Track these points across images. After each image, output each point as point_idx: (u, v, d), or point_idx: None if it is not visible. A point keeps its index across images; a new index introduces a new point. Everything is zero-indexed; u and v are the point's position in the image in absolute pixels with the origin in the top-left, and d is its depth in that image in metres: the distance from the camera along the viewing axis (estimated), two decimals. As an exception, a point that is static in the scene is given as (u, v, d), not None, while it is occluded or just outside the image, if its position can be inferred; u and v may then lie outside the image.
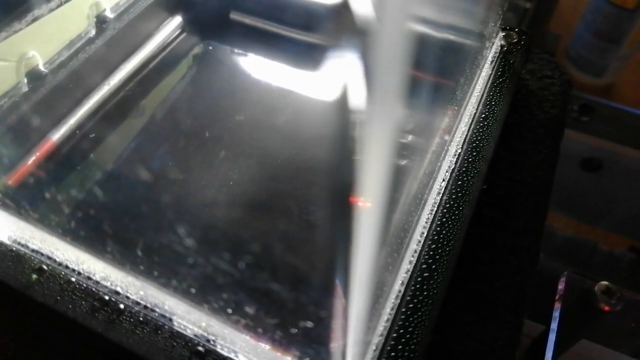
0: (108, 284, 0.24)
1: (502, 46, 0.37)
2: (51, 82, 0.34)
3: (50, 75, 0.34)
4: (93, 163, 0.34)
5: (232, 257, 0.28)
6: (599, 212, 0.61)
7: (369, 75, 0.13)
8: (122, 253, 0.26)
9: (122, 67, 0.38)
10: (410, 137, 0.27)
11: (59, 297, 0.24)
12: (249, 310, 0.24)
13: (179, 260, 0.27)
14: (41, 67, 0.34)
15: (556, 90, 0.40)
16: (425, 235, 0.26)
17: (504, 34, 0.37)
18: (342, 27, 0.15)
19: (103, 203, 0.31)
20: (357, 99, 0.14)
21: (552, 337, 0.31)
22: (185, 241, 0.28)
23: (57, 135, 0.34)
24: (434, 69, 0.28)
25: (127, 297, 0.24)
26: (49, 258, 0.25)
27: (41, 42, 0.33)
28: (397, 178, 0.21)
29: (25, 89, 0.33)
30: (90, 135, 0.35)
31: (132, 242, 0.28)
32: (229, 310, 0.23)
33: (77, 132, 0.35)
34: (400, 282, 0.24)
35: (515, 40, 0.37)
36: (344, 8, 0.15)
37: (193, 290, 0.25)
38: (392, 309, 0.23)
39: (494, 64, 0.35)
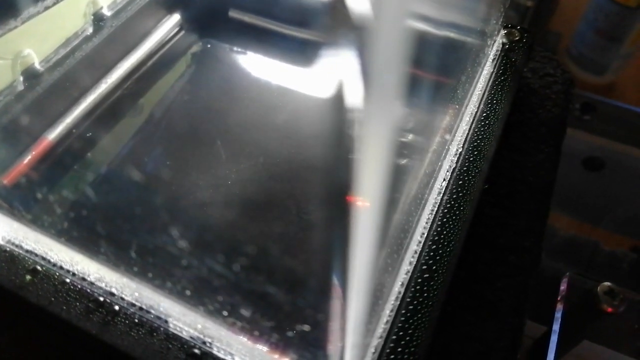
0: (103, 285, 0.24)
1: (503, 44, 0.36)
2: (47, 80, 0.33)
3: (46, 73, 0.33)
4: (89, 163, 0.34)
5: (229, 258, 0.27)
6: (601, 212, 0.60)
7: (365, 73, 0.13)
8: (117, 254, 0.26)
9: (119, 65, 0.37)
10: (410, 136, 0.27)
11: (53, 299, 0.24)
12: (246, 312, 0.23)
13: (175, 261, 0.27)
14: (37, 66, 0.33)
15: (558, 88, 0.40)
16: (425, 235, 0.26)
17: (505, 31, 0.37)
18: (339, 23, 0.14)
19: (99, 203, 0.31)
20: (354, 97, 0.14)
21: (554, 339, 0.30)
22: (181, 242, 0.28)
23: (53, 134, 0.33)
24: (434, 66, 0.28)
25: (122, 299, 0.24)
26: (43, 259, 0.25)
27: (37, 40, 0.33)
28: (397, 178, 0.20)
29: (20, 87, 0.32)
30: (87, 135, 0.35)
31: (128, 243, 0.27)
32: (226, 313, 0.23)
33: (74, 131, 0.34)
34: (400, 283, 0.24)
35: (517, 38, 0.37)
36: (341, 4, 0.14)
37: (189, 292, 0.24)
38: (391, 310, 0.23)
39: (495, 62, 0.35)
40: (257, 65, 0.41)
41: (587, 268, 0.57)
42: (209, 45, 0.42)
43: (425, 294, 0.24)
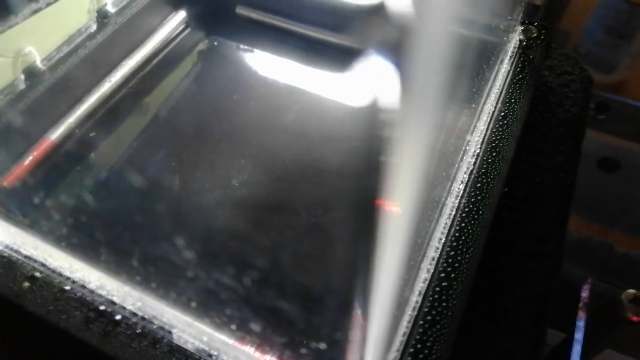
0: (104, 294, 0.23)
1: (521, 41, 0.35)
2: (49, 79, 0.32)
3: (49, 72, 0.33)
4: (92, 165, 0.33)
5: (237, 267, 0.26)
6: (616, 213, 0.60)
7: (407, 75, 0.12)
8: (119, 261, 0.24)
9: (123, 63, 0.36)
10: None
11: (51, 307, 0.23)
12: (255, 325, 0.22)
13: (180, 269, 0.25)
14: (39, 64, 0.32)
15: (577, 87, 0.38)
16: (443, 241, 0.24)
17: (522, 28, 0.36)
18: (363, 25, 0.13)
19: (101, 208, 0.30)
20: (385, 98, 0.13)
21: (577, 348, 0.29)
22: (187, 249, 0.26)
23: (55, 135, 0.32)
24: (452, 65, 0.27)
25: (124, 308, 0.23)
26: (43, 265, 0.24)
27: (39, 37, 0.32)
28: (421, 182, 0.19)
29: (22, 86, 0.31)
30: (90, 135, 0.34)
31: (130, 250, 0.26)
32: (233, 325, 0.22)
33: (76, 131, 0.33)
34: (417, 292, 0.23)
35: (535, 35, 0.35)
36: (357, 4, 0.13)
37: (194, 302, 0.23)
38: (408, 322, 0.22)
39: (512, 59, 0.34)
40: (265, 63, 0.40)
41: (602, 271, 0.56)
42: (215, 43, 0.41)
43: (444, 304, 0.22)
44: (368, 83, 0.37)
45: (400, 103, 0.13)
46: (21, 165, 0.30)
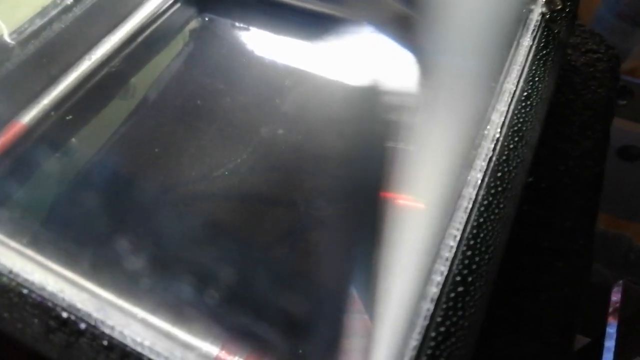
0: (66, 299, 0.20)
1: (543, 14, 0.32)
2: (19, 55, 0.30)
3: (19, 47, 0.30)
4: (69, 152, 0.31)
5: (224, 268, 0.23)
6: (636, 205, 0.57)
7: (418, 53, 0.09)
8: (87, 261, 0.22)
9: (105, 40, 0.34)
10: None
11: (6, 314, 0.20)
12: (243, 334, 0.19)
13: (157, 270, 0.22)
14: (6, 38, 0.30)
15: (603, 66, 0.35)
16: (458, 239, 0.21)
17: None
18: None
19: (73, 200, 0.27)
20: (391, 78, 0.10)
21: (608, 357, 0.26)
22: (167, 245, 0.24)
23: (27, 118, 0.29)
24: (467, 40, 0.24)
25: (89, 315, 0.20)
26: (-1, 265, 0.21)
27: (6, 7, 0.29)
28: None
29: (-14, 63, 0.28)
30: (67, 119, 0.31)
31: (101, 249, 0.23)
32: (216, 338, 0.19)
33: (51, 114, 0.31)
34: (429, 298, 0.20)
35: (560, 7, 0.32)
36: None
37: (171, 308, 0.20)
38: (419, 333, 0.19)
39: (535, 34, 0.30)
40: (261, 42, 0.38)
41: (621, 266, 0.53)
42: (208, 20, 0.39)
43: (460, 312, 0.20)
44: (373, 62, 0.34)
45: (412, 83, 0.10)
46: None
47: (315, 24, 0.37)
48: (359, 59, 0.35)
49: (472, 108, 0.26)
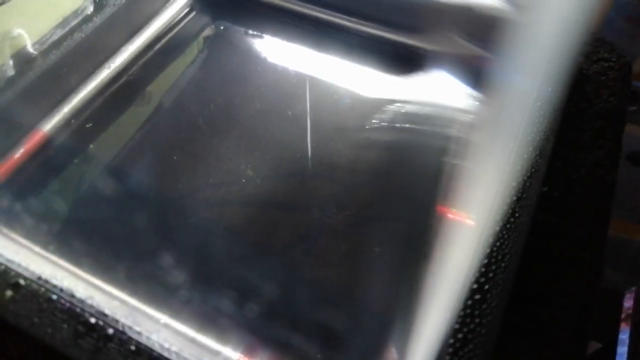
0: (95, 305, 0.20)
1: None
2: (41, 65, 0.30)
3: (40, 57, 0.31)
4: (89, 159, 0.31)
5: (246, 278, 0.23)
6: None
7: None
8: (114, 268, 0.22)
9: (123, 49, 0.35)
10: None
11: (36, 319, 0.20)
12: (264, 344, 0.20)
13: (181, 278, 0.23)
14: (29, 48, 0.30)
15: (615, 75, 0.35)
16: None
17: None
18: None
19: (96, 207, 0.27)
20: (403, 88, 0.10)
21: (620, 365, 0.26)
22: (190, 254, 0.24)
23: (48, 126, 0.30)
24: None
25: (117, 321, 0.20)
26: (27, 271, 0.21)
27: (29, 18, 0.30)
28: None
29: (10, 72, 0.29)
30: (87, 127, 0.32)
31: (126, 255, 0.24)
32: (240, 345, 0.19)
33: (72, 122, 0.31)
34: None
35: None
36: None
37: (198, 314, 0.20)
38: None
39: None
40: (275, 50, 0.38)
41: (631, 271, 0.53)
42: (222, 28, 0.39)
43: (477, 320, 0.20)
44: (386, 71, 0.35)
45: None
46: (10, 159, 0.28)
47: (326, 33, 0.37)
48: (370, 68, 0.36)
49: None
